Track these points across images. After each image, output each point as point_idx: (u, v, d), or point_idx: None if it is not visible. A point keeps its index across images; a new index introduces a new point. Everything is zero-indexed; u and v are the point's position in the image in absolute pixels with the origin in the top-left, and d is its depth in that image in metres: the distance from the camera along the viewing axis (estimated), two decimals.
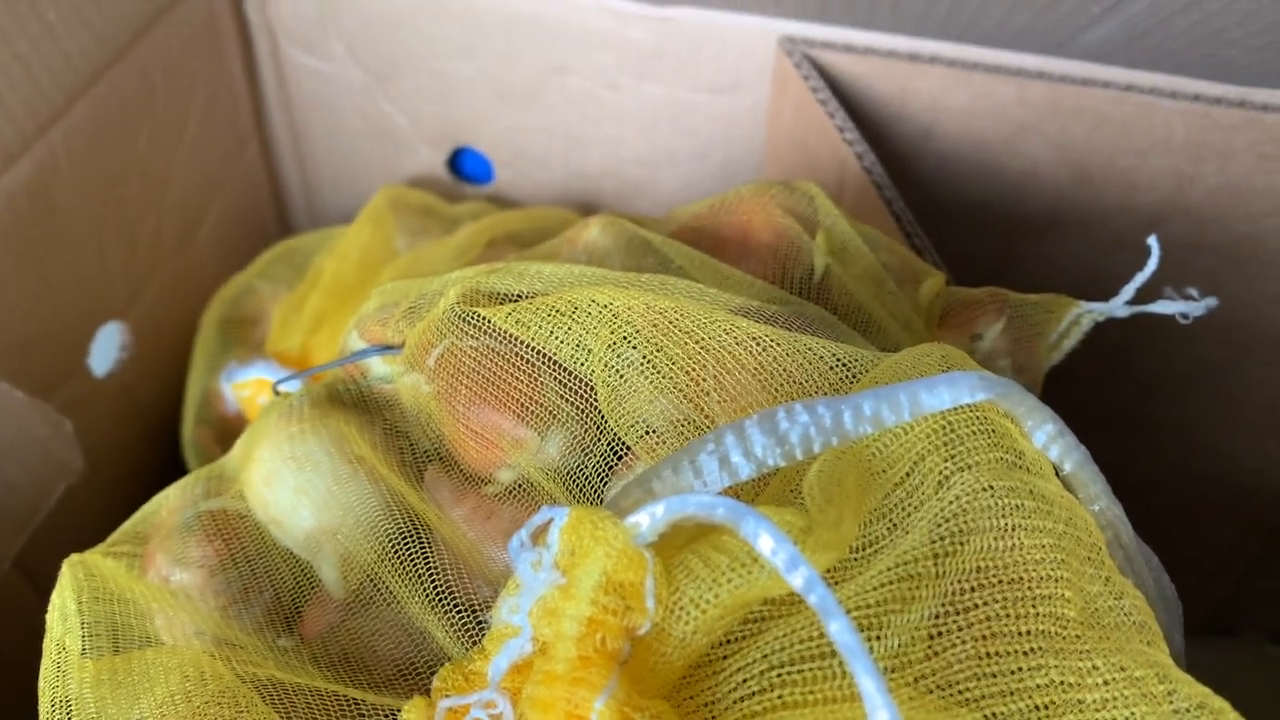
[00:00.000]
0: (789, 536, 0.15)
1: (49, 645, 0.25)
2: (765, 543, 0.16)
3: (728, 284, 0.30)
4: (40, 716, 0.24)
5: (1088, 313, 0.34)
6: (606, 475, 0.26)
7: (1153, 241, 0.32)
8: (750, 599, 0.17)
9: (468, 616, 0.25)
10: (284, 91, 0.57)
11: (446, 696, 0.19)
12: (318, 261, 0.52)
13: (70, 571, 0.26)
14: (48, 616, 0.26)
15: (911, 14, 0.44)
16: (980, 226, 0.51)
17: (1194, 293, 0.33)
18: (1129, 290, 0.33)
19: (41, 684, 0.25)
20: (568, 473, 0.26)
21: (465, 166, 0.60)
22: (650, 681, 0.17)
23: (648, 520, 0.17)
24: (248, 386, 0.46)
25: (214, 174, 0.55)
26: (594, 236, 0.34)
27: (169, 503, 0.30)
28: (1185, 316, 0.33)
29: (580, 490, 0.26)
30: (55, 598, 0.26)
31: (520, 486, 0.28)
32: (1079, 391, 0.39)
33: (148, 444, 0.54)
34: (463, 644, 0.25)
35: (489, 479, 0.28)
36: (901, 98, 0.48)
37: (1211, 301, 0.33)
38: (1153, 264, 0.32)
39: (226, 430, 0.51)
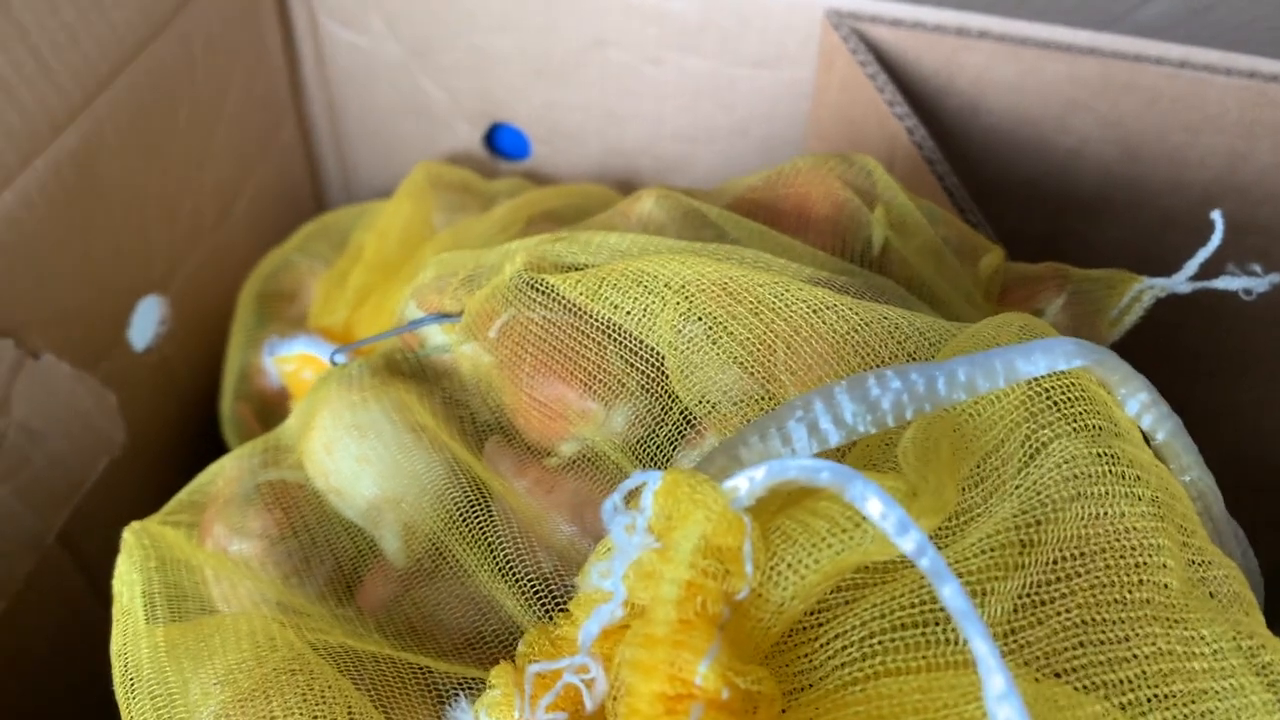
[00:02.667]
0: (897, 500, 0.15)
1: (118, 612, 0.25)
2: (874, 506, 0.15)
3: (789, 256, 0.30)
4: (114, 681, 0.24)
5: (1149, 288, 0.34)
6: (676, 447, 0.26)
7: (1217, 216, 0.32)
8: (848, 565, 0.17)
9: (539, 585, 0.25)
10: (322, 66, 0.57)
11: (534, 662, 0.19)
12: (356, 237, 0.52)
13: (135, 539, 0.26)
14: (114, 584, 0.26)
15: None
16: (1027, 204, 0.50)
17: (1257, 269, 0.33)
18: (1192, 265, 0.32)
19: (113, 649, 0.25)
20: (635, 444, 0.26)
21: (501, 143, 0.59)
22: (746, 647, 0.17)
23: (746, 484, 0.17)
24: (291, 361, 0.46)
25: (251, 149, 0.55)
26: (648, 209, 0.33)
27: (225, 473, 0.30)
28: (1249, 293, 0.33)
29: (648, 462, 0.26)
30: (121, 565, 0.26)
31: (583, 459, 0.28)
32: None
33: (185, 419, 0.54)
34: (534, 613, 0.24)
35: (551, 451, 0.28)
36: (949, 73, 0.47)
37: (1276, 277, 0.33)
38: (1217, 239, 0.32)
39: (265, 405, 0.51)
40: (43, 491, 0.44)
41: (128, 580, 0.25)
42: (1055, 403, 0.19)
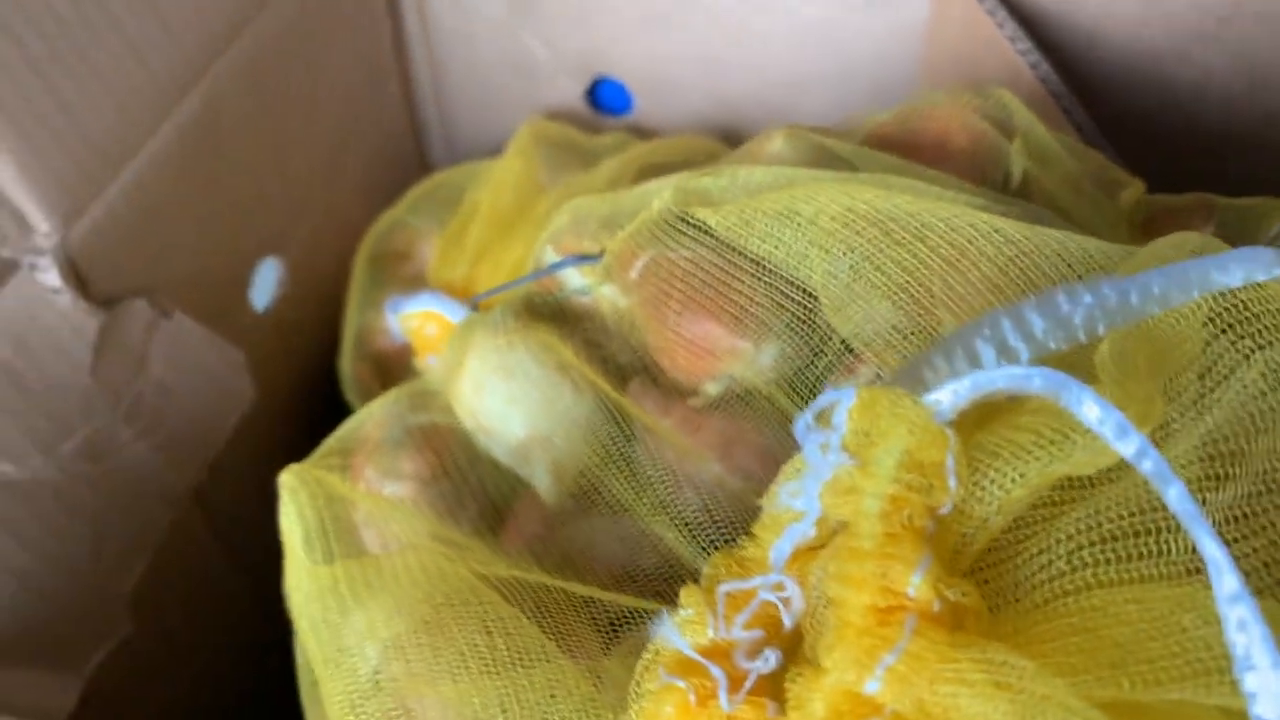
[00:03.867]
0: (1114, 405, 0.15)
1: (289, 551, 0.26)
2: (1090, 410, 0.15)
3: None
4: (291, 613, 0.25)
5: None
6: (831, 380, 0.25)
7: None
8: (1053, 478, 0.17)
9: (701, 516, 0.25)
10: (424, 24, 0.57)
11: (724, 582, 0.19)
12: (470, 195, 0.52)
13: (297, 480, 0.27)
14: (281, 522, 0.26)
15: None
16: (1147, 141, 0.49)
17: None
18: None
19: (287, 585, 0.25)
20: (790, 377, 0.26)
21: (603, 97, 0.59)
22: (951, 563, 0.17)
23: (949, 397, 0.17)
24: (415, 318, 0.47)
25: (358, 108, 0.56)
26: (779, 149, 0.33)
27: (373, 418, 0.31)
28: None
29: (802, 399, 0.26)
30: (286, 504, 0.27)
31: (729, 397, 0.28)
32: None
33: (305, 379, 0.55)
34: (696, 544, 0.24)
35: (695, 391, 0.28)
36: (1069, 6, 0.46)
37: None
38: None
39: (384, 365, 0.52)
40: (179, 448, 0.45)
41: (294, 519, 0.26)
42: (1256, 314, 0.19)
